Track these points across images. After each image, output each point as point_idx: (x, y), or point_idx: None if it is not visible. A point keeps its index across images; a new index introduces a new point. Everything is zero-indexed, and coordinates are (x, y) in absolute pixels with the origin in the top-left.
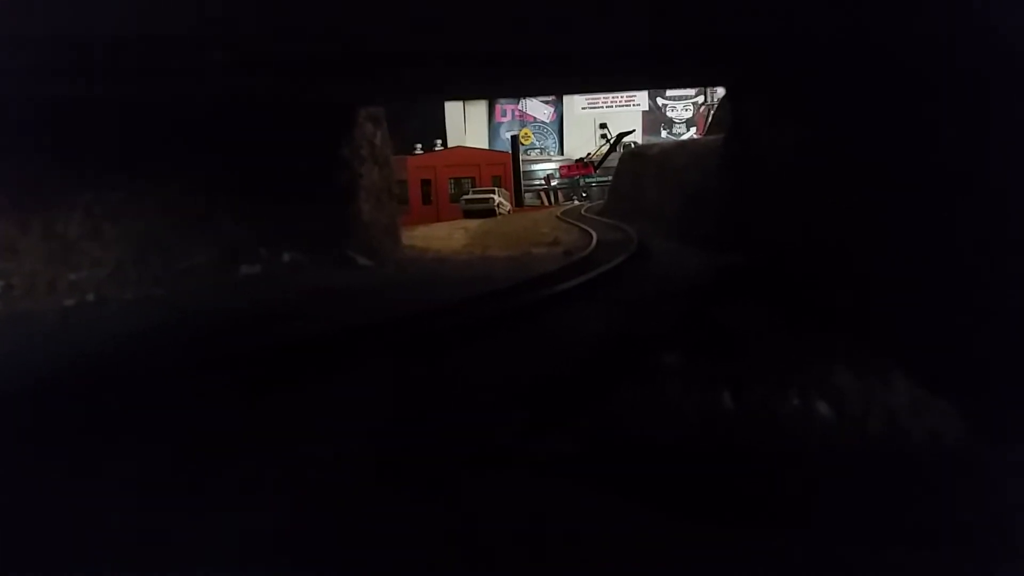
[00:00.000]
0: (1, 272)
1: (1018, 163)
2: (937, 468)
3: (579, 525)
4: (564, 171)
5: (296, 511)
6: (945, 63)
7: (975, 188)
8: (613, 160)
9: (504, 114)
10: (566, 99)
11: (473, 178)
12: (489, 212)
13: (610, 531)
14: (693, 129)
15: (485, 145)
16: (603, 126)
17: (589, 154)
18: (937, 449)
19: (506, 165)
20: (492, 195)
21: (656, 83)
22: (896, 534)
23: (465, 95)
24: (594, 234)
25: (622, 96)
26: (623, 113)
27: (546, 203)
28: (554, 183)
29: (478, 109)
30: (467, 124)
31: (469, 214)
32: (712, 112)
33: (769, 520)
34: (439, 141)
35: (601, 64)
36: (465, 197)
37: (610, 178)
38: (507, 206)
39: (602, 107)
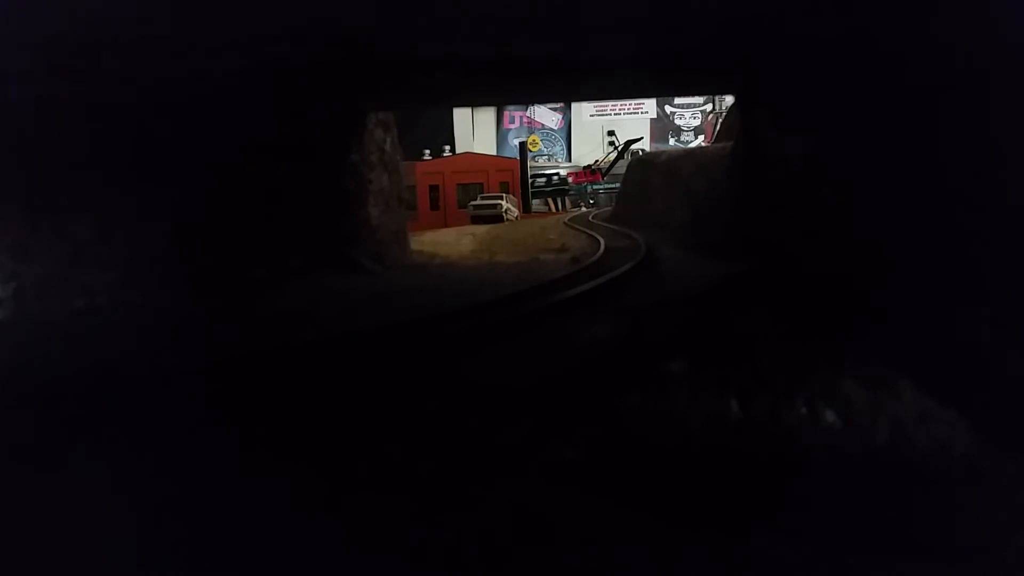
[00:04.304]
0: (12, 274)
1: None
2: (944, 478)
3: (587, 532)
4: (572, 178)
5: (301, 516)
6: (953, 70)
7: (986, 196)
8: (621, 167)
9: (512, 121)
10: (574, 106)
11: (481, 184)
12: (497, 218)
13: (617, 538)
14: (701, 137)
15: (493, 151)
16: (611, 133)
17: (597, 161)
18: (944, 459)
19: (514, 171)
20: (500, 201)
21: (664, 91)
22: (902, 544)
23: (474, 102)
24: (602, 241)
25: (630, 104)
26: (631, 120)
27: (554, 209)
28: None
29: (486, 115)
30: (475, 130)
31: (477, 220)
32: (720, 120)
33: (775, 528)
34: (447, 147)
35: (609, 71)
36: (473, 203)
37: (618, 185)
38: (515, 212)
39: (610, 114)
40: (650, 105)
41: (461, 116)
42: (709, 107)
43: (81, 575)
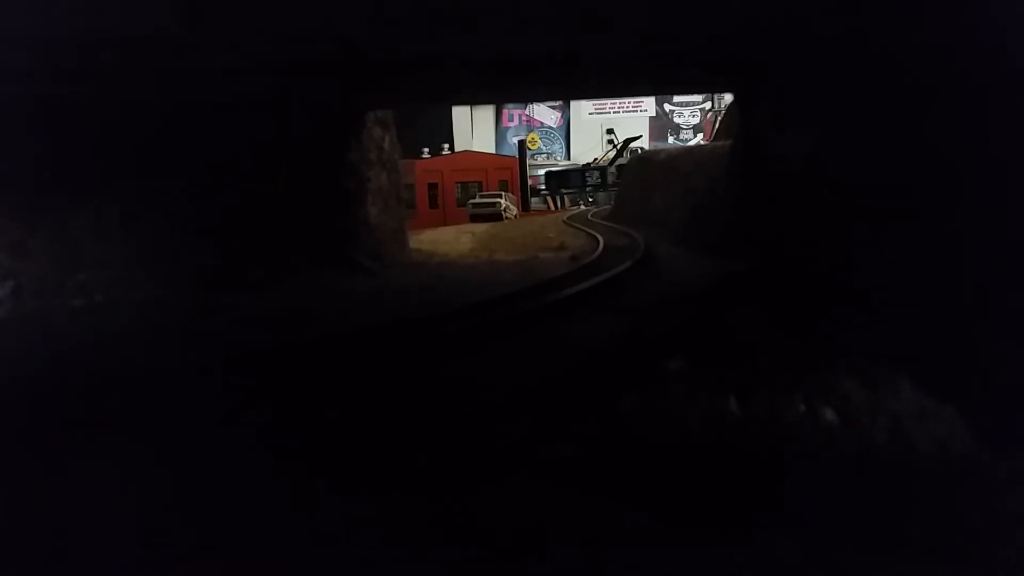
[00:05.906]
0: (10, 272)
1: None
2: (943, 476)
3: (587, 532)
4: None
5: (301, 516)
6: (952, 70)
7: (985, 195)
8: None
9: (511, 119)
10: (573, 104)
11: (480, 182)
12: (496, 216)
13: (617, 538)
14: (700, 135)
15: (492, 149)
16: (610, 131)
17: (596, 159)
18: (943, 457)
19: (513, 169)
20: (499, 199)
21: (664, 89)
22: (902, 543)
23: (474, 100)
24: (601, 239)
25: (629, 102)
26: (630, 119)
27: (553, 208)
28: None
29: (485, 113)
30: (474, 128)
31: (476, 218)
32: (719, 118)
33: (774, 527)
34: (446, 145)
35: (609, 69)
36: (472, 201)
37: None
38: (514, 210)
39: (609, 112)
40: (649, 103)
41: (460, 114)
42: (708, 105)
43: (83, 575)
